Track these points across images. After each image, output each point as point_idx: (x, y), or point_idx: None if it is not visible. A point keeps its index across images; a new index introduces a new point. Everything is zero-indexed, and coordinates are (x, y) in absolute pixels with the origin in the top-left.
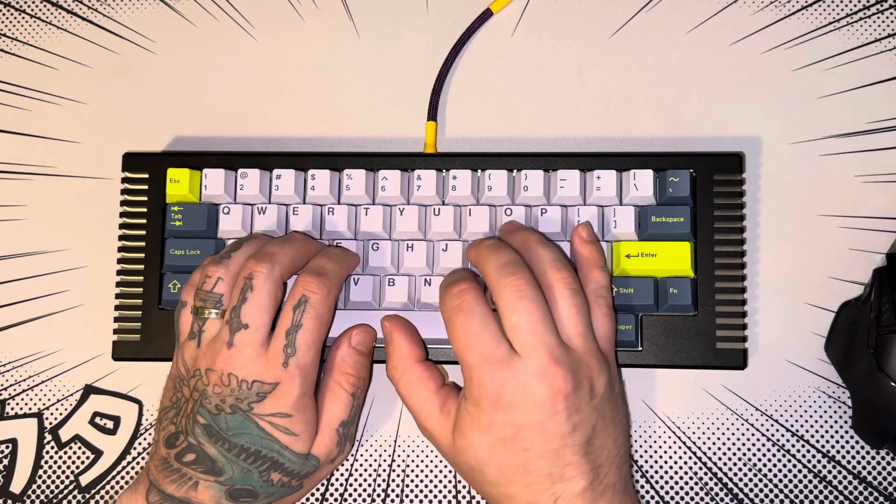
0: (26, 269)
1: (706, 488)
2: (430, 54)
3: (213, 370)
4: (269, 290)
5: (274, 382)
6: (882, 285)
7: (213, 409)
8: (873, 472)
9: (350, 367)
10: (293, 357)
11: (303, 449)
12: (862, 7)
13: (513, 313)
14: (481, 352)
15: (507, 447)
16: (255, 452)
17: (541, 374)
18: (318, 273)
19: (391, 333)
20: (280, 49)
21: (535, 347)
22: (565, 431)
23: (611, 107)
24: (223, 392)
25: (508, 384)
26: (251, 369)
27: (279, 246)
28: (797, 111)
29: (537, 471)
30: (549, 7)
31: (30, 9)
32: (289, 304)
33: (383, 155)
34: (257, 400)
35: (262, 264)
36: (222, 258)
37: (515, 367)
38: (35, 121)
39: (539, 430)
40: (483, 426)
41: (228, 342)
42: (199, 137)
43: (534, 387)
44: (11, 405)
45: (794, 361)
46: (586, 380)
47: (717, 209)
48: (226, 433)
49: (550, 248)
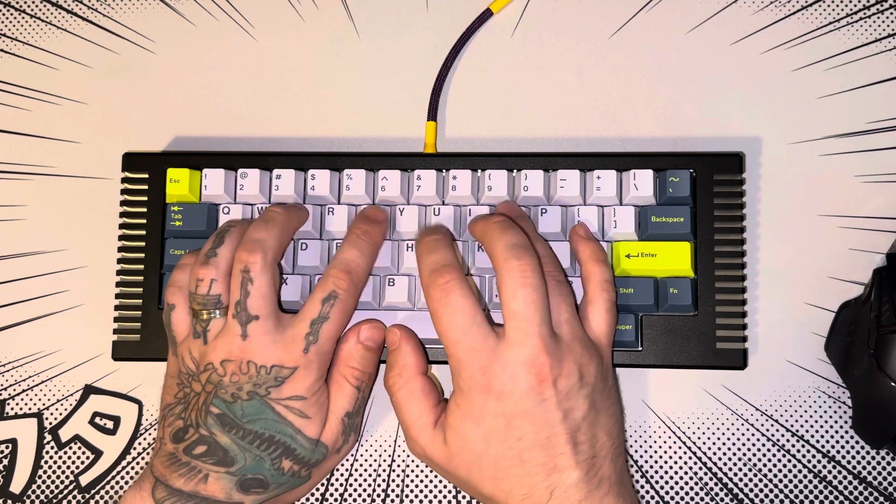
0: (26, 269)
1: (706, 488)
2: (430, 54)
3: (231, 360)
4: (267, 279)
5: (293, 367)
6: (882, 285)
7: (228, 398)
8: (873, 472)
9: (356, 361)
10: (314, 345)
11: (314, 433)
12: (862, 7)
13: (514, 299)
14: (469, 345)
15: (501, 438)
16: (269, 438)
17: (528, 362)
18: (348, 269)
19: (400, 342)
20: (280, 49)
21: (529, 336)
22: (555, 419)
23: (611, 107)
24: (241, 380)
25: (497, 374)
26: (269, 354)
27: (264, 229)
28: (797, 111)
29: (532, 461)
30: (549, 7)
31: (30, 9)
32: (318, 296)
33: (383, 155)
34: (276, 384)
35: (254, 255)
36: (209, 257)
37: (503, 356)
38: (35, 121)
39: (529, 417)
40: (475, 417)
41: (242, 334)
42: (199, 137)
43: (521, 375)
44: (11, 405)
45: (794, 361)
46: (575, 368)
47: (717, 209)
48: (241, 420)
49: (541, 243)
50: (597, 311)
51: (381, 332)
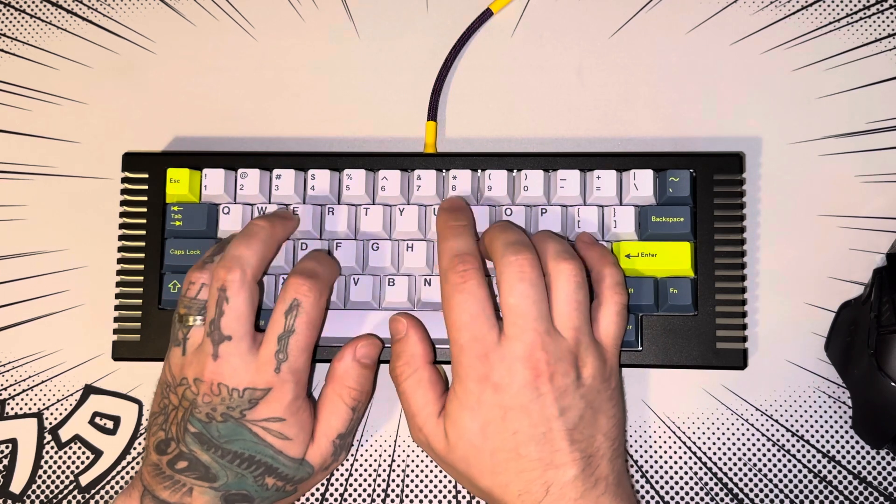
0: (26, 269)
1: (706, 488)
2: (430, 54)
3: (202, 380)
4: (244, 298)
5: (266, 388)
6: (882, 285)
7: (203, 418)
8: (873, 472)
9: (353, 380)
10: (285, 362)
11: (297, 454)
12: (862, 7)
13: (511, 294)
14: (473, 333)
15: (497, 430)
16: (249, 458)
17: (525, 357)
18: (309, 275)
19: (407, 331)
20: (280, 49)
21: (525, 331)
22: (551, 415)
23: (611, 107)
24: (213, 401)
25: (495, 365)
26: (241, 377)
27: (245, 245)
28: (797, 111)
29: (528, 455)
30: (549, 7)
31: (30, 9)
32: (280, 309)
33: (383, 155)
34: (249, 406)
35: (232, 272)
36: (205, 263)
37: (503, 349)
38: (35, 121)
39: (525, 411)
40: (471, 406)
41: (213, 354)
42: (199, 137)
43: (518, 369)
44: (11, 405)
45: (794, 361)
46: (572, 367)
47: (717, 209)
48: (218, 440)
49: (559, 240)
50: (607, 314)
51: (377, 348)
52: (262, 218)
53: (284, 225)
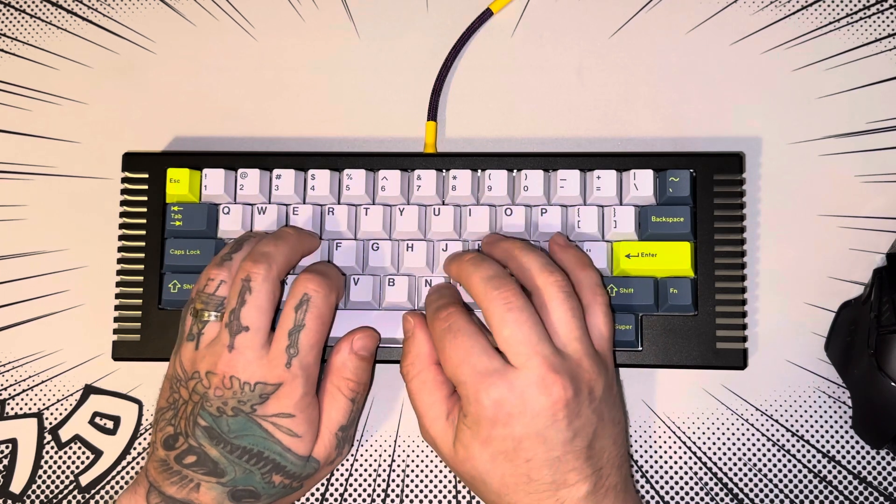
0: (26, 269)
1: (706, 488)
2: (430, 54)
3: (215, 373)
4: (267, 291)
5: (277, 383)
6: (882, 285)
7: (214, 412)
8: (873, 472)
9: (350, 372)
10: (296, 357)
11: (305, 451)
12: (862, 7)
13: (504, 326)
14: (473, 366)
15: (508, 459)
16: (258, 454)
17: (539, 383)
18: (319, 272)
19: (413, 330)
20: (280, 49)
21: (530, 358)
22: (566, 438)
23: (611, 107)
24: (225, 395)
25: (505, 397)
26: (253, 371)
27: (273, 244)
28: (797, 111)
29: (541, 479)
30: (549, 7)
31: (30, 9)
32: (290, 304)
33: (383, 155)
34: (260, 402)
35: (258, 265)
36: (223, 260)
37: (511, 379)
38: (35, 121)
39: (540, 439)
40: (482, 440)
41: (229, 345)
42: (199, 137)
43: (532, 396)
44: (11, 405)
45: (794, 361)
46: (585, 385)
47: (717, 209)
48: (227, 435)
49: (537, 253)
50: (595, 318)
51: (374, 340)
52: (292, 227)
53: (310, 240)
